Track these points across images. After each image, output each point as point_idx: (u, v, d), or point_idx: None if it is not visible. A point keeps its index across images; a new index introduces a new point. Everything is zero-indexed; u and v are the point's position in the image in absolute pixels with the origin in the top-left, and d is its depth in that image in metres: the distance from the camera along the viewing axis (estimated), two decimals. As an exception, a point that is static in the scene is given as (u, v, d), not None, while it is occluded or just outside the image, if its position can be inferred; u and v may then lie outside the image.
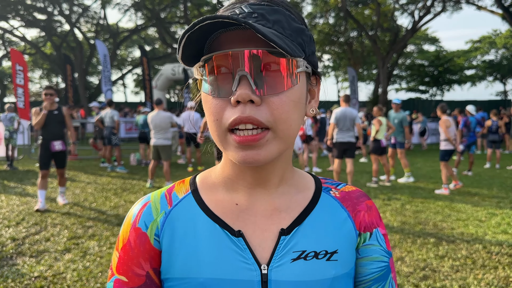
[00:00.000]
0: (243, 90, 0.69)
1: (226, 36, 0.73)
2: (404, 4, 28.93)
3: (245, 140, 0.71)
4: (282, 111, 0.72)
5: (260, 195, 0.83)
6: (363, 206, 0.89)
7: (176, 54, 0.74)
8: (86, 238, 5.37)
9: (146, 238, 0.82)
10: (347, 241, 0.84)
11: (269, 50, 0.70)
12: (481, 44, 37.45)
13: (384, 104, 26.20)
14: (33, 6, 30.47)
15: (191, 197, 0.85)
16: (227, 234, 0.79)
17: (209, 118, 0.75)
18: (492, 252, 4.95)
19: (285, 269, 0.78)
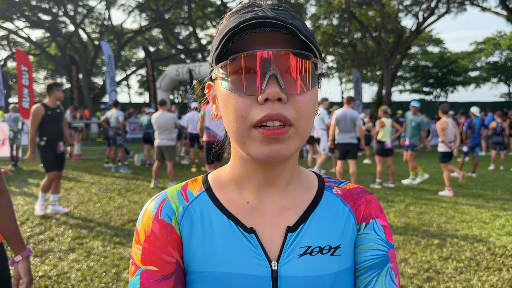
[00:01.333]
0: (273, 88, 0.73)
1: (251, 37, 0.77)
2: (408, 5, 28.87)
3: (273, 133, 0.74)
4: (305, 109, 0.77)
5: (269, 194, 0.87)
6: (363, 200, 0.93)
7: (213, 52, 0.78)
8: (90, 238, 5.39)
9: (172, 228, 0.85)
10: (349, 236, 0.88)
11: (297, 52, 0.75)
12: (485, 46, 37.32)
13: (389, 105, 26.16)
14: (38, 7, 30.60)
15: (205, 194, 0.89)
16: (240, 231, 0.84)
17: (231, 116, 0.78)
18: (497, 254, 4.94)
19: (293, 265, 0.81)
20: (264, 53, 0.74)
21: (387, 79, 28.00)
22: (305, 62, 0.76)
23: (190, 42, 38.24)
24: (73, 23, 32.02)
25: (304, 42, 0.76)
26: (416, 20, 28.25)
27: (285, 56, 0.75)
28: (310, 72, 0.78)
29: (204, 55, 33.63)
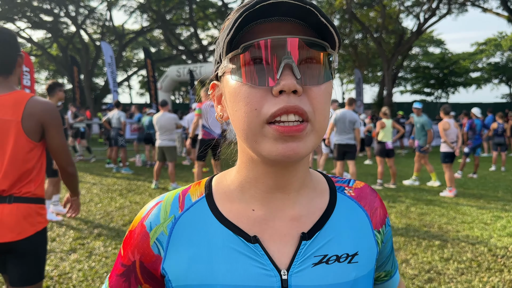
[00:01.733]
0: (288, 80, 0.67)
1: (262, 27, 0.71)
2: (409, 6, 28.87)
3: (290, 130, 0.68)
4: (320, 101, 0.71)
5: (280, 200, 0.80)
6: (378, 202, 0.91)
7: (226, 36, 0.71)
8: (91, 239, 5.40)
9: (147, 238, 0.82)
10: (366, 242, 0.85)
11: (314, 41, 0.70)
12: (486, 47, 37.27)
13: (390, 106, 26.15)
14: (39, 7, 30.64)
15: (204, 201, 0.83)
16: (242, 241, 0.78)
17: (242, 110, 0.71)
18: (498, 255, 4.93)
19: (306, 274, 0.76)
20: (279, 41, 0.68)
21: (388, 80, 28.00)
22: (321, 53, 0.71)
23: (191, 43, 38.28)
24: (74, 24, 32.07)
25: (318, 32, 0.71)
26: (417, 21, 28.24)
27: (300, 45, 0.69)
28: (326, 64, 0.72)
29: (205, 56, 33.67)
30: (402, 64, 32.53)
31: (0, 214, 2.15)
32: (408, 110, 26.94)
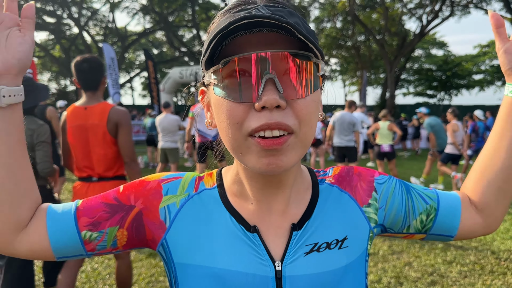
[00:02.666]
0: (270, 95, 0.66)
1: (245, 38, 0.70)
2: (412, 8, 28.85)
3: (271, 144, 0.68)
4: (306, 113, 0.71)
5: (274, 195, 0.84)
6: (355, 179, 0.92)
7: (202, 57, 0.72)
8: (94, 240, 5.40)
9: (159, 198, 0.85)
10: (354, 223, 0.87)
11: (296, 53, 0.68)
12: (489, 49, 37.20)
13: (392, 108, 26.13)
14: (42, 9, 30.75)
15: (216, 190, 0.87)
16: (242, 229, 0.81)
17: (225, 122, 0.72)
18: (501, 258, 4.92)
19: (299, 264, 0.79)
20: (257, 55, 0.67)
21: (391, 82, 27.99)
22: (305, 63, 0.69)
23: (194, 44, 38.32)
24: (77, 26, 32.16)
25: (302, 41, 0.69)
26: (420, 23, 28.22)
27: (283, 58, 0.68)
28: (312, 74, 0.71)
29: (208, 57, 33.68)
30: (405, 66, 32.51)
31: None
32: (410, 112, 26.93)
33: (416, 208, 0.92)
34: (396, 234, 0.95)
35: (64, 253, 0.83)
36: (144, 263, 4.56)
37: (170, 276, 0.85)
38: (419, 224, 0.92)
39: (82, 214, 0.83)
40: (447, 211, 0.92)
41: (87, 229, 0.82)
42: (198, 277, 0.79)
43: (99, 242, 0.83)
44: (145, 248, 0.89)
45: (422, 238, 0.96)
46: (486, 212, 0.93)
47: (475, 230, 0.95)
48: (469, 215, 0.93)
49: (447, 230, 0.93)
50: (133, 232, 0.85)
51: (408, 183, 0.95)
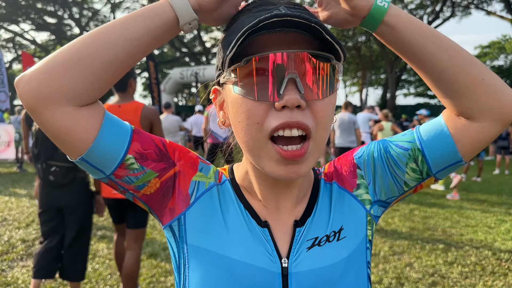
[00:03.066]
0: (292, 95, 0.67)
1: (264, 38, 0.71)
2: (413, 9, 28.84)
3: (293, 156, 0.70)
4: (324, 115, 0.72)
5: (283, 194, 0.85)
6: (338, 166, 0.93)
7: (227, 53, 0.70)
8: (95, 241, 5.40)
9: (194, 170, 0.86)
10: (348, 211, 0.87)
11: (318, 54, 0.69)
12: (490, 50, 37.16)
13: (393, 109, 26.12)
14: (43, 9, 30.79)
15: (230, 183, 0.89)
16: (254, 224, 0.83)
17: (245, 122, 0.73)
18: (502, 258, 4.91)
19: (303, 259, 0.80)
20: (280, 55, 0.68)
21: (392, 82, 27.98)
22: (325, 65, 0.71)
23: (195, 45, 38.35)
24: (78, 26, 32.20)
25: (323, 43, 0.70)
26: (421, 23, 28.17)
27: (304, 58, 0.69)
28: (330, 76, 0.72)
29: (209, 58, 33.73)
30: (406, 66, 32.48)
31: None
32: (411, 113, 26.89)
33: (399, 161, 0.85)
34: (402, 197, 0.90)
35: (94, 157, 0.75)
36: (145, 263, 4.56)
37: (179, 257, 0.83)
38: (413, 174, 0.85)
39: (136, 139, 0.80)
40: (434, 143, 0.83)
41: (133, 155, 0.78)
42: (210, 262, 0.79)
43: (131, 175, 0.79)
44: (153, 218, 0.88)
45: (435, 181, 0.88)
46: (474, 112, 0.80)
47: (483, 135, 0.81)
48: (463, 129, 0.81)
49: (449, 158, 0.82)
50: (163, 190, 0.83)
51: (386, 139, 0.89)
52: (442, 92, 0.82)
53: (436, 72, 0.79)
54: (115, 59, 0.72)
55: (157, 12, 0.75)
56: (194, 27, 0.78)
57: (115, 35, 0.72)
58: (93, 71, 0.71)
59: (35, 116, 0.71)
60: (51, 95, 0.69)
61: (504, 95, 0.79)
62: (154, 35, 0.75)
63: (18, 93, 0.70)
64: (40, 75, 0.69)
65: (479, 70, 0.79)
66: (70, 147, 0.74)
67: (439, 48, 0.78)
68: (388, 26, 0.79)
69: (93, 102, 0.75)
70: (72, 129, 0.71)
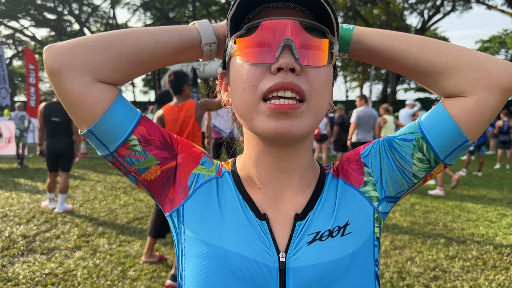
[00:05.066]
0: (286, 58, 0.71)
1: (267, 12, 0.77)
2: (413, 3, 28.75)
3: (282, 107, 0.72)
4: (318, 83, 0.74)
5: (281, 181, 0.84)
6: (345, 164, 0.92)
7: (229, 11, 0.76)
8: (96, 236, 5.41)
9: (196, 163, 0.89)
10: (354, 208, 0.85)
11: (314, 25, 0.74)
12: (491, 44, 37.09)
13: (394, 104, 26.08)
14: (43, 5, 30.73)
15: (230, 175, 0.90)
16: (253, 216, 0.82)
17: (242, 86, 0.76)
18: (503, 253, 4.91)
19: (302, 254, 0.78)
20: (280, 22, 0.73)
21: (392, 77, 27.92)
22: (321, 36, 0.75)
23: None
24: (78, 22, 32.14)
25: (321, 18, 0.76)
26: (422, 18, 28.13)
27: (301, 28, 0.73)
28: (326, 49, 0.76)
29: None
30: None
31: None
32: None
33: (405, 154, 0.84)
34: (412, 189, 0.89)
35: (101, 130, 0.79)
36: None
37: (178, 248, 0.85)
38: (420, 164, 0.84)
39: (143, 123, 0.83)
40: (436, 128, 0.81)
41: (137, 137, 0.82)
42: (206, 254, 0.79)
43: (133, 156, 0.82)
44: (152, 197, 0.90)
45: (445, 167, 0.85)
46: (464, 87, 0.79)
47: (482, 108, 0.78)
48: (461, 106, 0.79)
49: (454, 140, 0.80)
50: (164, 179, 0.86)
51: (390, 135, 0.89)
52: (426, 80, 0.83)
53: (412, 64, 0.82)
54: (140, 53, 0.79)
55: (184, 29, 0.84)
56: (213, 52, 0.87)
57: (145, 34, 0.80)
58: (119, 54, 0.78)
59: (56, 80, 0.76)
60: (76, 64, 0.75)
61: (490, 63, 0.79)
62: (178, 46, 0.83)
63: (45, 57, 0.76)
64: (71, 46, 0.76)
65: (455, 50, 0.80)
66: (81, 116, 0.78)
67: (408, 44, 0.82)
68: (357, 42, 0.85)
69: (110, 83, 0.80)
70: (85, 98, 0.76)
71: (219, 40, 0.86)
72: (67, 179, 6.76)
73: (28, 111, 13.55)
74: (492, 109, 0.79)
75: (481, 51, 0.82)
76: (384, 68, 0.84)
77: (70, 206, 6.83)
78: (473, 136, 0.81)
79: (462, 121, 0.79)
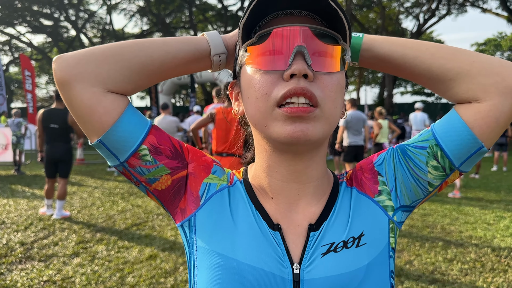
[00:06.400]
0: (299, 64, 0.70)
1: (278, 20, 0.76)
2: (409, 7, 28.90)
3: (297, 111, 0.71)
4: (331, 90, 0.74)
5: (295, 190, 0.83)
6: (358, 173, 0.90)
7: (241, 19, 0.76)
8: (94, 242, 5.39)
9: (207, 172, 0.88)
10: (370, 216, 0.84)
11: (326, 32, 0.74)
12: (486, 47, 37.22)
13: (390, 107, 26.15)
14: (39, 12, 30.72)
15: (242, 184, 0.89)
16: (266, 226, 0.81)
17: (255, 94, 0.75)
18: (501, 255, 4.92)
19: (317, 266, 0.77)
20: (293, 29, 0.72)
21: (389, 81, 28.01)
22: (333, 43, 0.74)
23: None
24: (74, 28, 32.13)
25: (333, 25, 0.75)
26: (417, 21, 28.27)
27: (313, 35, 0.73)
28: (338, 56, 0.75)
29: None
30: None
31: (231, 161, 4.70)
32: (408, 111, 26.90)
33: (419, 162, 0.83)
34: (427, 197, 0.87)
35: (111, 140, 0.78)
36: (144, 264, 4.55)
37: (190, 259, 0.83)
38: (435, 172, 0.82)
39: (153, 133, 0.83)
40: (450, 134, 0.80)
41: (148, 147, 0.81)
42: (218, 265, 0.77)
43: (144, 166, 0.81)
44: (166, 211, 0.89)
45: (460, 174, 0.84)
46: (477, 92, 0.78)
47: (497, 113, 0.77)
48: (475, 112, 0.78)
49: (469, 147, 0.79)
50: (174, 188, 0.85)
51: (404, 143, 0.87)
52: (439, 86, 0.82)
53: (424, 70, 0.82)
54: (150, 63, 0.80)
55: (193, 40, 0.84)
56: (222, 63, 0.87)
57: (155, 45, 0.81)
58: (129, 65, 0.78)
59: (65, 91, 0.76)
60: (86, 74, 0.76)
61: (503, 68, 0.77)
62: (187, 56, 0.83)
63: (54, 68, 0.76)
64: (80, 56, 0.77)
65: (467, 55, 0.80)
66: (91, 126, 0.78)
67: (419, 51, 0.82)
68: (367, 50, 0.85)
69: (120, 93, 0.80)
70: (95, 108, 0.76)
71: (228, 51, 0.86)
72: (65, 185, 6.75)
73: (28, 117, 13.53)
74: (508, 114, 0.77)
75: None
76: (393, 75, 0.84)
77: (68, 213, 6.81)
78: (488, 142, 0.79)
79: (476, 127, 0.78)
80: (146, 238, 5.53)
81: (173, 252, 4.97)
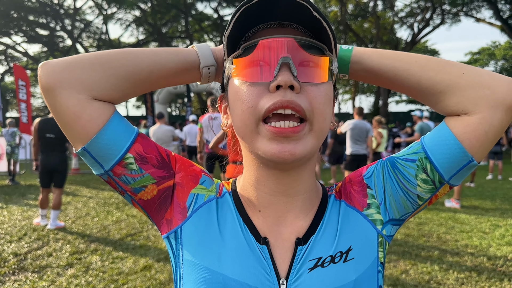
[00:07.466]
0: (285, 75, 0.69)
1: (264, 32, 0.76)
2: (403, 17, 29.14)
3: (284, 131, 0.70)
4: (319, 101, 0.73)
5: (283, 204, 0.82)
6: (347, 185, 0.89)
7: (225, 30, 0.75)
8: (88, 253, 5.35)
9: (195, 182, 0.86)
10: (358, 231, 0.82)
11: (311, 43, 0.73)
12: (480, 56, 37.59)
13: (385, 116, 26.24)
14: (35, 21, 30.74)
15: (230, 195, 0.87)
16: (253, 240, 0.79)
17: (240, 107, 0.74)
18: (497, 264, 4.91)
19: (304, 281, 0.76)
20: (278, 40, 0.72)
21: (384, 90, 28.13)
22: (319, 54, 0.74)
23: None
24: (70, 38, 32.17)
25: (318, 36, 0.75)
26: (411, 31, 28.49)
27: (298, 47, 0.72)
28: (325, 66, 0.74)
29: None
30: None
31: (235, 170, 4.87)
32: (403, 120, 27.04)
33: (408, 175, 0.81)
34: (417, 211, 0.86)
35: (95, 148, 0.77)
36: (139, 275, 4.51)
37: (176, 271, 0.82)
38: (424, 185, 0.81)
39: (139, 141, 0.82)
40: (439, 147, 0.79)
41: (133, 155, 0.80)
42: (204, 279, 0.76)
43: (129, 175, 0.80)
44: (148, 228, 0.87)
45: (450, 188, 0.83)
46: (467, 105, 0.77)
47: (486, 126, 0.77)
48: (465, 125, 0.77)
49: (459, 160, 0.78)
50: (160, 198, 0.84)
51: (393, 155, 0.86)
52: (429, 99, 0.82)
53: (413, 83, 0.81)
54: (138, 73, 0.79)
55: (183, 51, 0.84)
56: (212, 75, 0.86)
57: (143, 55, 0.81)
58: (115, 73, 0.77)
59: (50, 97, 0.75)
60: (72, 81, 0.75)
61: (493, 81, 0.77)
62: (176, 67, 0.82)
63: (40, 74, 0.75)
64: (66, 63, 0.76)
65: (457, 68, 0.79)
66: (75, 133, 0.77)
67: (408, 63, 0.82)
68: (356, 62, 0.84)
69: (106, 101, 0.79)
70: (80, 115, 0.75)
71: (218, 63, 0.86)
72: (60, 195, 6.71)
73: (21, 127, 13.48)
74: (497, 127, 0.77)
75: (471, 64, 0.82)
76: (384, 87, 0.83)
77: (62, 223, 6.76)
78: (478, 155, 0.78)
79: (466, 141, 0.77)
80: (141, 249, 5.49)
81: (168, 262, 4.93)
